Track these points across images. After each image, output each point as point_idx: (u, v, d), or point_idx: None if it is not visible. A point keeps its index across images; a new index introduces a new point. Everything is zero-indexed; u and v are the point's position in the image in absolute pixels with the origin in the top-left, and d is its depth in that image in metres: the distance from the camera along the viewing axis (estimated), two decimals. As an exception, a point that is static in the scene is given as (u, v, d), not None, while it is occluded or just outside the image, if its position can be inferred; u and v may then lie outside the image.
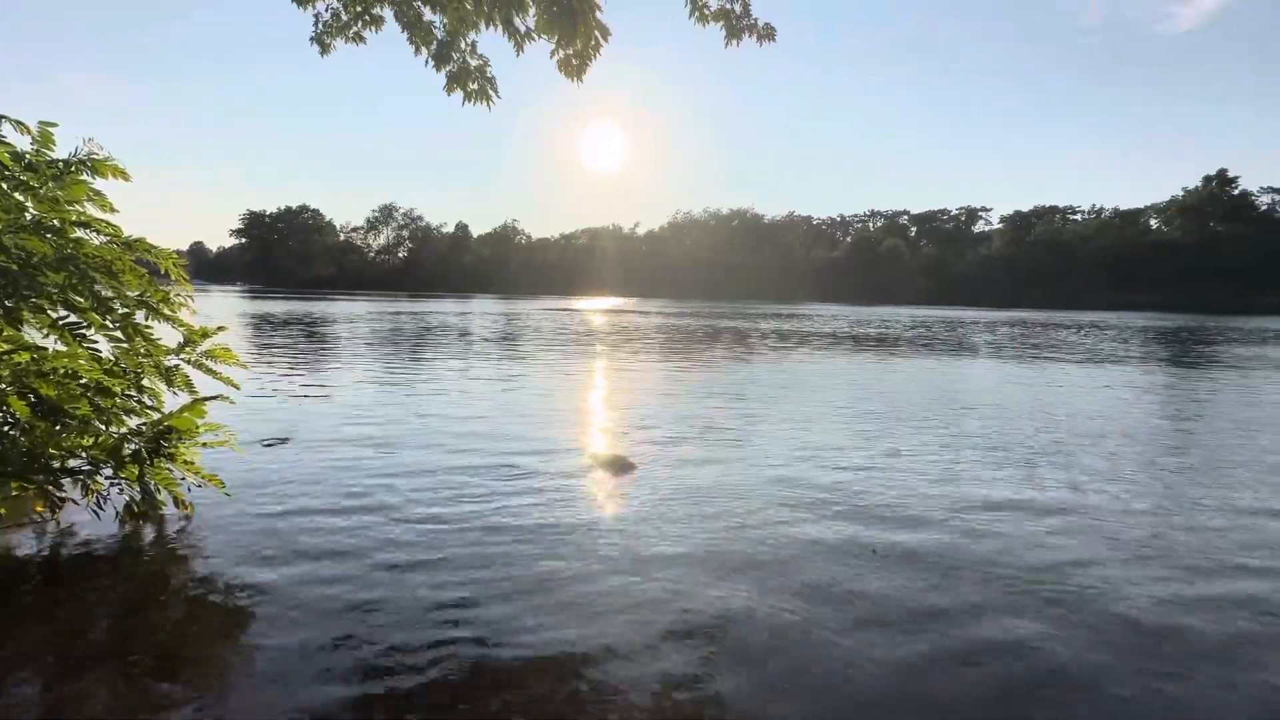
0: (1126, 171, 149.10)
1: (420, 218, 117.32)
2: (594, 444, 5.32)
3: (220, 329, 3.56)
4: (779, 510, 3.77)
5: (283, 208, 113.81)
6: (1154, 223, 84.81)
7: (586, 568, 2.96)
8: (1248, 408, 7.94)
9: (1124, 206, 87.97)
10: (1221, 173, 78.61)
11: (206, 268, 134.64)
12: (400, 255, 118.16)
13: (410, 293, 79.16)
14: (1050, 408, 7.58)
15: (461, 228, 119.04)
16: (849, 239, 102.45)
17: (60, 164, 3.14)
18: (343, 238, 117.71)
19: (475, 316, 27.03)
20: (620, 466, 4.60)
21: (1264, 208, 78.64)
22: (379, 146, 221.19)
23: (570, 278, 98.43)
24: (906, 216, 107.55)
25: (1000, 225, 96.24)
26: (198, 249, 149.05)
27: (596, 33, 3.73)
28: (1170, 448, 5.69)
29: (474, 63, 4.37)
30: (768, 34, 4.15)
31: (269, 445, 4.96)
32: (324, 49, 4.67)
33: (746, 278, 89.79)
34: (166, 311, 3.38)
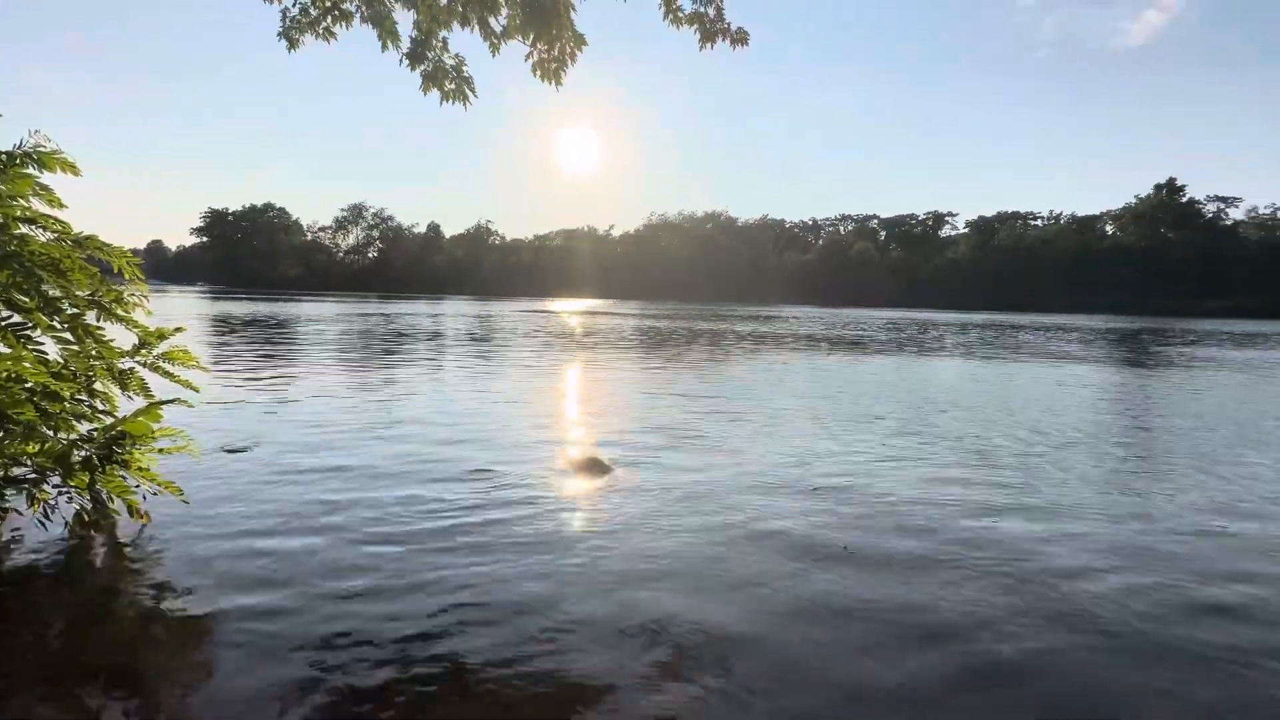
0: (1083, 179, 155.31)
1: (391, 217, 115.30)
2: (569, 447, 5.29)
3: (178, 330, 3.43)
4: (752, 510, 3.80)
5: (247, 206, 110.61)
6: (1109, 228, 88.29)
7: (561, 575, 2.93)
8: (1194, 401, 8.32)
9: (1081, 213, 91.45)
10: (1171, 181, 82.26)
11: (165, 267, 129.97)
12: (370, 255, 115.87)
13: (381, 293, 77.68)
14: (1025, 407, 7.81)
15: (433, 228, 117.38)
16: (820, 242, 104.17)
17: (4, 157, 2.99)
18: (310, 237, 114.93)
19: (448, 318, 26.65)
20: (596, 469, 4.58)
21: (1209, 215, 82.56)
22: (348, 145, 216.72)
23: (545, 279, 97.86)
24: (876, 221, 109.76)
25: (966, 230, 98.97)
26: (156, 248, 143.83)
27: (571, 38, 3.72)
28: (1133, 442, 5.91)
29: (450, 61, 4.31)
30: (741, 39, 4.19)
31: (231, 451, 4.80)
32: (292, 45, 4.56)
33: (721, 280, 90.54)
34: (120, 312, 3.24)
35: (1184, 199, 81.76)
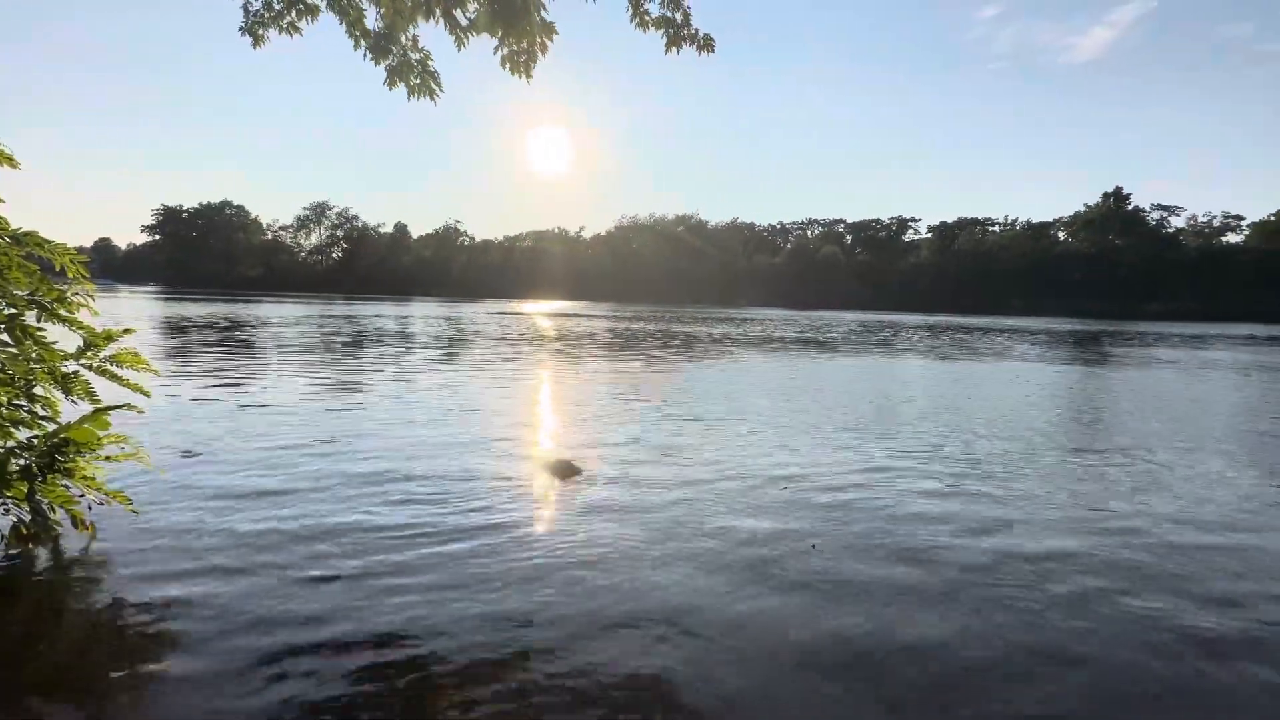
0: (1038, 186, 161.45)
1: (356, 217, 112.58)
2: (540, 449, 5.26)
3: (127, 331, 3.29)
4: (721, 510, 3.83)
5: (203, 203, 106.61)
6: (1062, 234, 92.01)
7: (528, 580, 2.91)
8: (1133, 393, 8.75)
9: (1036, 219, 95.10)
10: (1118, 189, 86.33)
11: (114, 266, 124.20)
12: (335, 256, 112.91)
13: (346, 295, 75.77)
14: (992, 408, 8.07)
15: (400, 228, 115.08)
16: (789, 246, 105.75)
17: (-67, 149, 2.82)
18: (270, 236, 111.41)
19: (416, 320, 26.17)
20: (566, 471, 4.56)
21: (1153, 223, 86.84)
22: (309, 142, 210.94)
23: (515, 281, 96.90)
24: (843, 225, 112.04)
25: (928, 235, 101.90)
26: (104, 246, 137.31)
27: (541, 31, 3.70)
28: (1093, 431, 6.18)
29: (415, 56, 4.23)
30: (707, 45, 4.24)
31: (185, 457, 4.62)
32: (256, 41, 4.42)
33: (692, 282, 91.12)
34: (63, 312, 3.09)
35: (1130, 207, 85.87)
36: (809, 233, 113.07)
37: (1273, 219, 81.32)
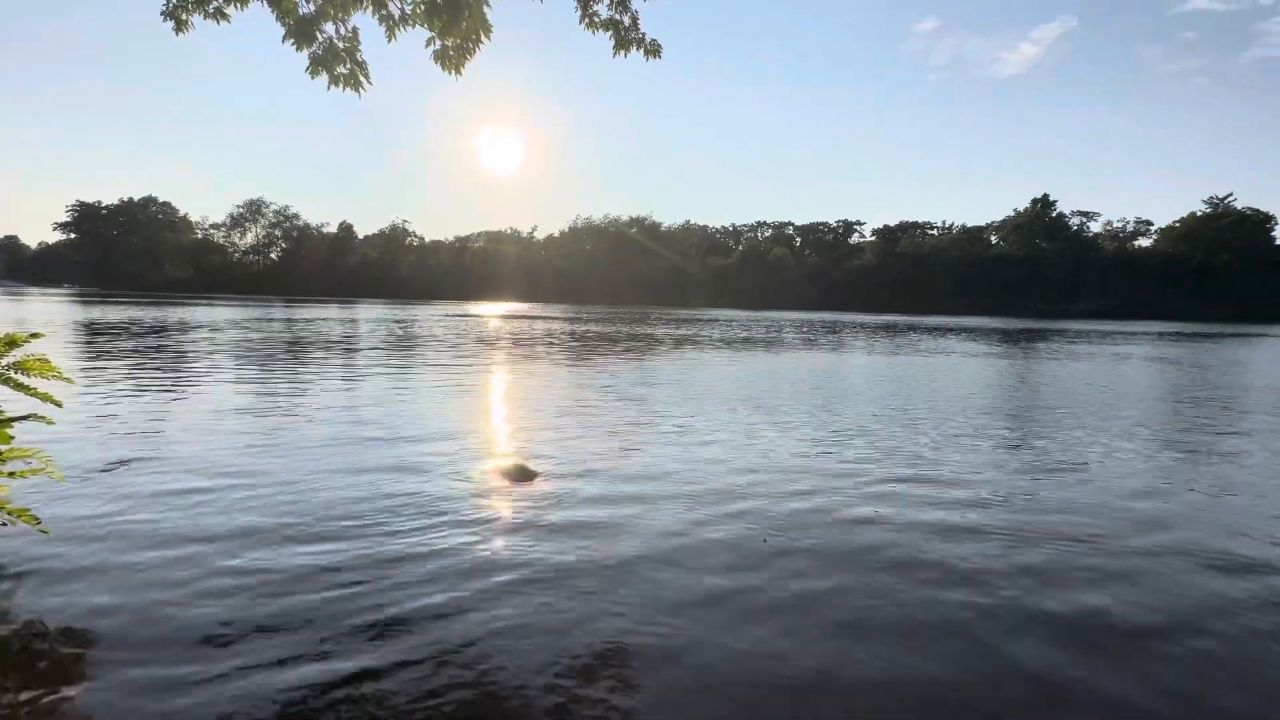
0: (973, 192, 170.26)
1: (296, 215, 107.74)
2: (495, 454, 5.17)
3: (34, 336, 3.04)
4: (676, 509, 3.87)
5: (124, 199, 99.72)
6: (994, 238, 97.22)
7: (481, 584, 2.85)
8: (1059, 379, 9.36)
9: (970, 223, 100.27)
10: (1044, 196, 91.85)
11: (23, 267, 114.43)
12: (273, 256, 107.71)
13: (286, 297, 72.35)
14: (939, 397, 8.43)
15: (345, 228, 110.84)
16: (740, 248, 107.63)
17: None
18: (200, 235, 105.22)
19: (362, 323, 25.25)
20: (521, 475, 4.51)
21: (1075, 227, 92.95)
22: (246, 138, 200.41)
23: (466, 282, 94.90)
24: (792, 227, 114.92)
25: (873, 238, 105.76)
26: (10, 245, 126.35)
27: (480, 27, 3.64)
28: (1023, 417, 6.56)
29: (342, 44, 4.06)
30: (654, 50, 4.27)
31: (105, 471, 4.31)
32: (180, 26, 4.16)
33: (646, 284, 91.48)
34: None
35: (1054, 213, 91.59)
36: (759, 235, 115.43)
37: (1176, 225, 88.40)
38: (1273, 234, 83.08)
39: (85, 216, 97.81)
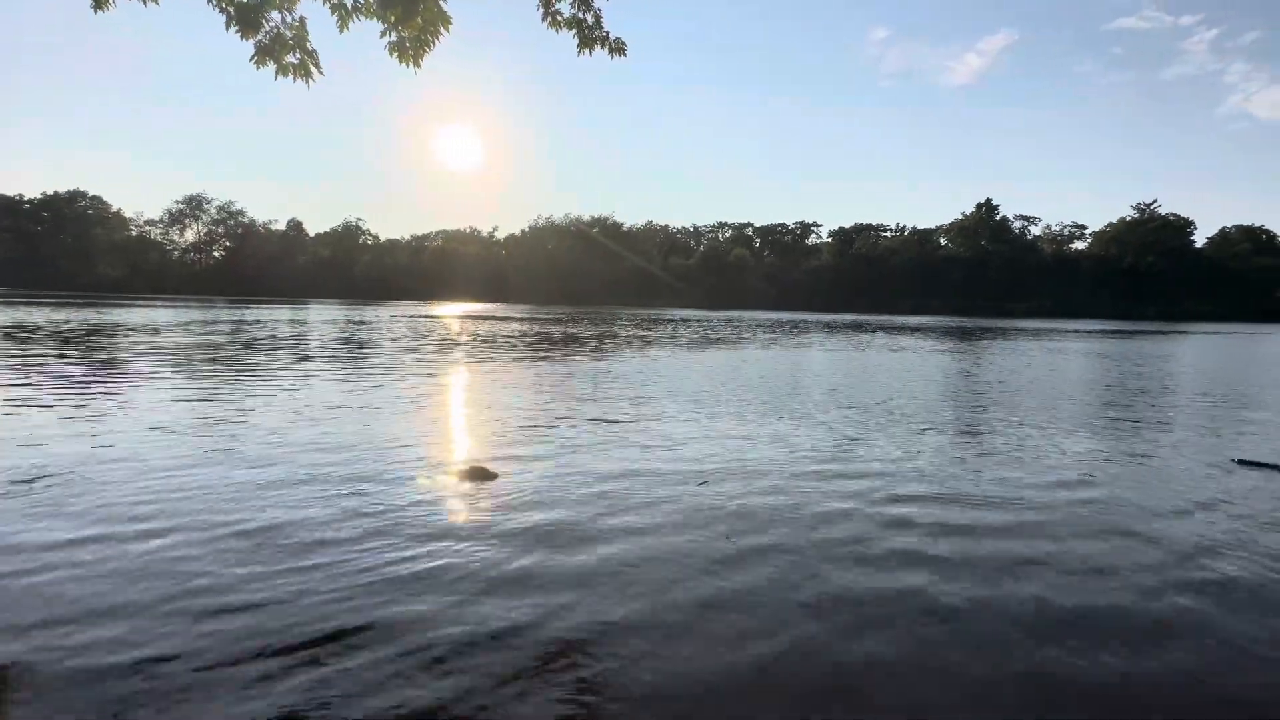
0: (923, 195, 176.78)
1: (241, 212, 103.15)
2: (453, 455, 5.07)
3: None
4: (634, 510, 3.88)
5: (48, 194, 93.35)
6: (944, 240, 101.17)
7: (441, 586, 2.80)
8: (1012, 373, 9.84)
9: (921, 226, 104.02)
10: (988, 200, 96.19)
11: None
12: (217, 255, 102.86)
13: (232, 298, 69.15)
14: (883, 391, 8.70)
15: (294, 225, 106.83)
16: (701, 248, 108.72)
17: None
18: (136, 232, 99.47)
19: (314, 325, 24.36)
20: (480, 476, 4.44)
21: (1017, 231, 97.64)
22: (185, 130, 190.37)
23: (424, 282, 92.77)
24: (751, 228, 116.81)
25: (829, 239, 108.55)
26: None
27: (439, 19, 3.57)
28: (971, 404, 6.85)
29: (289, 32, 3.89)
30: (618, 48, 4.28)
31: (19, 483, 4.03)
32: (98, 3, 3.91)
33: (607, 284, 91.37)
34: None
35: (998, 217, 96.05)
36: (720, 235, 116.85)
37: (1108, 229, 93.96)
38: (1193, 238, 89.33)
39: (6, 212, 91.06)
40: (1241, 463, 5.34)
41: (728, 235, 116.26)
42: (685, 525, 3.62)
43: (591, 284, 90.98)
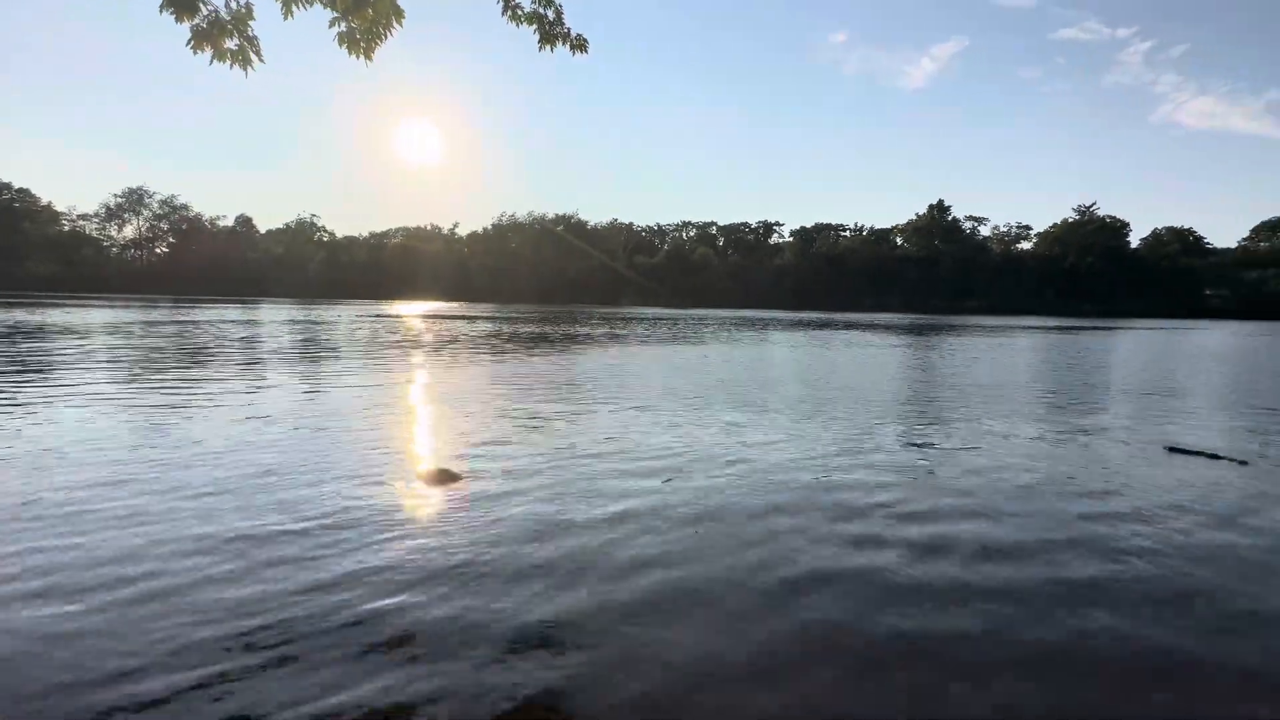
0: (880, 196, 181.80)
1: (185, 206, 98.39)
2: (416, 458, 4.97)
3: None
4: (598, 511, 3.88)
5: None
6: (899, 240, 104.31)
7: (405, 587, 2.75)
8: (969, 366, 10.23)
9: (878, 226, 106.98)
10: (940, 201, 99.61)
11: None
12: (159, 251, 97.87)
13: (176, 297, 65.89)
14: (858, 384, 8.91)
15: (244, 221, 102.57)
16: (666, 247, 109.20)
17: None
18: (69, 227, 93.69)
19: (266, 325, 23.42)
20: (444, 479, 4.36)
21: (967, 231, 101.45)
22: (120, 117, 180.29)
23: (384, 281, 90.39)
24: (715, 228, 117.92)
25: (791, 239, 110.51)
26: None
27: (391, 11, 3.48)
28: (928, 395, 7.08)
29: (228, 16, 3.73)
30: (580, 45, 4.26)
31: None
32: None
33: (572, 282, 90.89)
34: None
35: (950, 218, 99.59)
36: (684, 234, 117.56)
37: (1052, 229, 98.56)
38: (1129, 239, 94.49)
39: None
40: (1172, 450, 5.69)
41: (692, 234, 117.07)
42: (645, 520, 3.63)
43: (556, 282, 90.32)
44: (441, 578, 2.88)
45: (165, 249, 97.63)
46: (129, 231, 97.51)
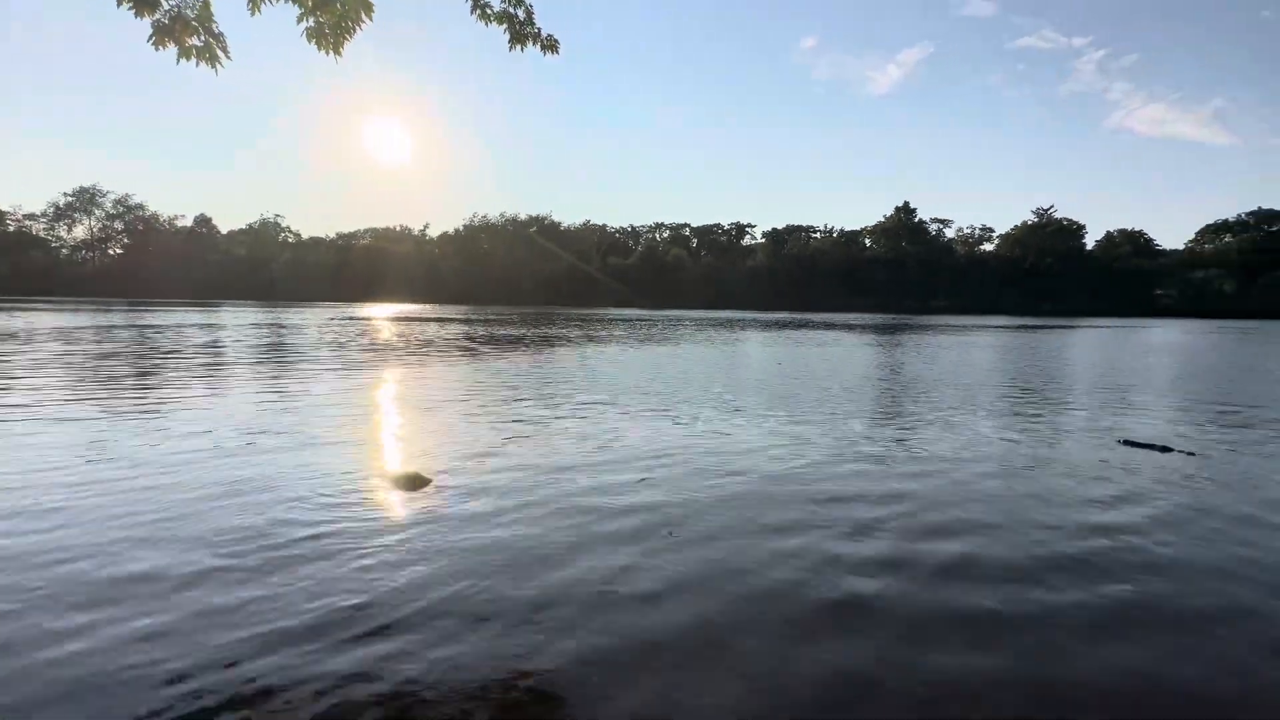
0: (850, 198, 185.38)
1: (141, 206, 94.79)
2: (385, 462, 4.88)
3: None
4: (570, 512, 3.87)
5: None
6: (868, 241, 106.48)
7: (376, 592, 2.69)
8: (930, 364, 10.49)
9: (848, 227, 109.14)
10: (906, 204, 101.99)
11: None
12: (113, 253, 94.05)
13: (131, 300, 63.30)
14: (832, 388, 9.04)
15: (203, 221, 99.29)
16: (639, 248, 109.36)
17: None
18: (14, 227, 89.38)
19: (228, 329, 22.68)
20: (414, 483, 4.29)
21: (933, 233, 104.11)
22: (69, 112, 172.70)
23: (352, 283, 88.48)
24: (688, 229, 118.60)
25: (763, 240, 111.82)
26: None
27: (359, 6, 3.42)
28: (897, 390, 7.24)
29: (191, 13, 3.61)
30: (551, 45, 4.25)
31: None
32: None
33: (545, 283, 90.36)
34: None
35: (916, 219, 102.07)
36: (658, 235, 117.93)
37: (1013, 231, 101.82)
38: (1084, 241, 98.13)
39: None
40: (1125, 443, 5.93)
41: (665, 235, 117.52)
42: (621, 521, 3.64)
43: (529, 284, 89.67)
44: (410, 580, 2.82)
45: (119, 250, 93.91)
46: (80, 232, 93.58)
